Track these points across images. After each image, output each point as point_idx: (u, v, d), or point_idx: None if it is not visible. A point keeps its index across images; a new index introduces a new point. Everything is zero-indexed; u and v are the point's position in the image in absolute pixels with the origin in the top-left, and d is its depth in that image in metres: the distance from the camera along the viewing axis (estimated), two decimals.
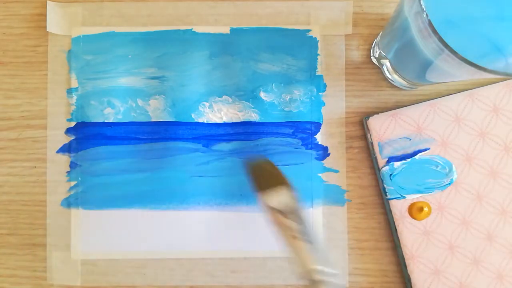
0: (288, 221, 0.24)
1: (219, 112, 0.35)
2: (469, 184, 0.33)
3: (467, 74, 0.24)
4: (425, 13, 0.22)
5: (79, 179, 0.34)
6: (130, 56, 0.35)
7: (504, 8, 0.25)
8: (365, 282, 0.34)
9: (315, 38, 0.35)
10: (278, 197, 0.24)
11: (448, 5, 0.25)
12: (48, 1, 0.34)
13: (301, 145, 0.34)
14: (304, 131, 0.34)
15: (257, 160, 0.29)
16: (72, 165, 0.34)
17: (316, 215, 0.34)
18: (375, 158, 0.33)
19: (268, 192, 0.25)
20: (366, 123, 0.33)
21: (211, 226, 0.34)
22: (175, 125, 0.34)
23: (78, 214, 0.34)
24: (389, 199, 0.33)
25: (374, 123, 0.33)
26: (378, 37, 0.34)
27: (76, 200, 0.34)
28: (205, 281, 0.34)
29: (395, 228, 0.33)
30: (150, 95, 0.35)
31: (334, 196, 0.34)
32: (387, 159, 0.33)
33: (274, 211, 0.24)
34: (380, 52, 0.33)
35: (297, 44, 0.35)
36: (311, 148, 0.34)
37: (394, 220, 0.33)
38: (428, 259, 0.32)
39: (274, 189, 0.25)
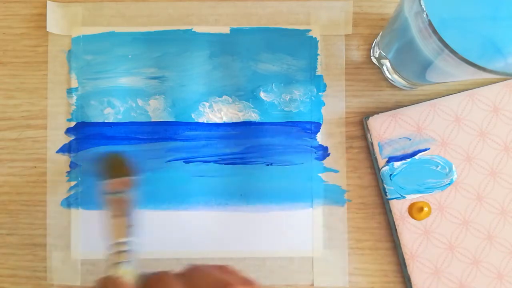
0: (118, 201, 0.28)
1: (219, 112, 0.35)
2: (469, 184, 0.33)
3: (467, 74, 0.24)
4: (425, 13, 0.22)
5: (79, 179, 0.34)
6: (130, 56, 0.35)
7: (503, 8, 0.25)
8: (365, 282, 0.34)
9: (315, 38, 0.35)
10: (117, 185, 0.29)
11: (448, 5, 0.25)
12: (48, 1, 0.34)
13: (301, 145, 0.34)
14: (304, 131, 0.34)
15: (110, 153, 0.32)
16: (72, 165, 0.34)
17: (316, 215, 0.34)
18: (375, 158, 0.33)
19: (111, 180, 0.29)
20: (366, 123, 0.33)
21: (211, 226, 0.34)
22: (175, 125, 0.34)
23: (78, 214, 0.34)
24: (389, 199, 0.33)
25: (374, 123, 0.33)
26: (378, 37, 0.34)
27: (76, 200, 0.34)
28: None
29: (395, 228, 0.33)
30: (150, 95, 0.35)
31: (334, 196, 0.34)
32: (387, 159, 0.33)
33: (109, 195, 0.28)
34: (380, 52, 0.33)
35: (297, 44, 0.35)
36: (311, 148, 0.34)
37: (394, 220, 0.33)
38: (428, 259, 0.32)
39: (117, 178, 0.29)
